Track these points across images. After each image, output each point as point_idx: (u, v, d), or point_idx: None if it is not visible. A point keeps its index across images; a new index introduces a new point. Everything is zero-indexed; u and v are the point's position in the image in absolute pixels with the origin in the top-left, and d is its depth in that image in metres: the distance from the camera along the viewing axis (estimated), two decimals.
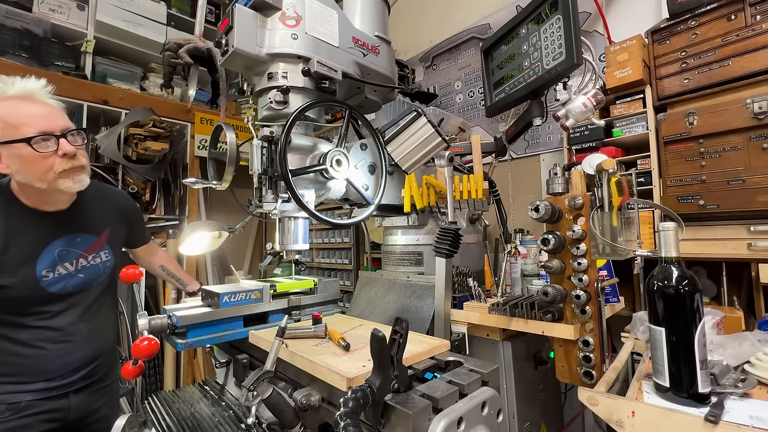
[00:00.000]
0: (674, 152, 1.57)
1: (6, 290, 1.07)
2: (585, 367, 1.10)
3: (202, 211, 3.18)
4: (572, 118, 1.33)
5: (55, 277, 1.14)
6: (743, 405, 0.75)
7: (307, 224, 1.19)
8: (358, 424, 0.62)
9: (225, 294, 1.21)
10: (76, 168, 1.10)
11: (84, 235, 1.22)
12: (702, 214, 1.50)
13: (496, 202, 1.68)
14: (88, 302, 1.23)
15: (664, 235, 0.83)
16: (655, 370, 0.81)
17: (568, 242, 1.13)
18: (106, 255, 1.28)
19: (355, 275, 2.86)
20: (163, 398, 1.29)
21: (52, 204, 1.16)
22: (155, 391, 2.35)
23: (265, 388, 0.82)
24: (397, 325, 0.75)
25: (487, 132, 2.67)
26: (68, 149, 1.07)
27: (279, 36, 1.13)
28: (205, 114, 3.12)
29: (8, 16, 2.47)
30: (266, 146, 1.08)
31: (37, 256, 1.12)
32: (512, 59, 1.52)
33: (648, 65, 1.69)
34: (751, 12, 1.46)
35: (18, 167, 1.04)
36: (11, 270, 1.08)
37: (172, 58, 1.32)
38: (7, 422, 1.07)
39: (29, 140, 1.01)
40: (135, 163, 2.67)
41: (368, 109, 1.55)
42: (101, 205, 1.30)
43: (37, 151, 1.02)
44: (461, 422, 0.72)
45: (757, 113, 1.37)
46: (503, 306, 1.25)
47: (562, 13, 1.24)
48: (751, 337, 0.97)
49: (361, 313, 1.62)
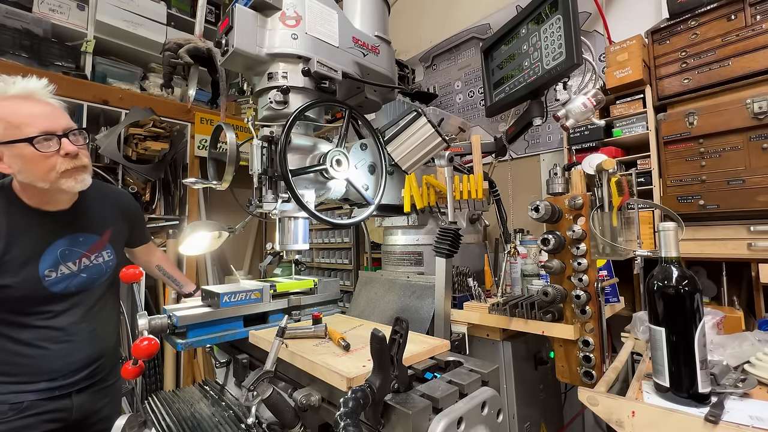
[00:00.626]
0: (674, 152, 1.57)
1: (8, 290, 1.07)
2: (585, 367, 1.10)
3: (202, 211, 3.18)
4: (572, 118, 1.33)
5: (58, 276, 1.15)
6: (743, 405, 0.75)
7: (307, 224, 1.19)
8: (358, 424, 0.62)
9: (225, 294, 1.21)
10: (78, 168, 1.10)
11: (86, 235, 1.23)
12: (702, 214, 1.50)
13: (496, 202, 1.68)
14: (91, 302, 1.24)
15: (664, 235, 0.83)
16: (655, 370, 0.81)
17: (568, 242, 1.13)
18: (108, 254, 1.28)
19: (355, 275, 2.86)
20: (163, 398, 1.29)
21: (54, 204, 1.16)
22: (155, 391, 2.35)
23: (265, 388, 0.82)
24: (397, 325, 0.75)
25: (487, 132, 2.67)
26: (70, 149, 1.07)
27: (279, 36, 1.13)
28: (205, 114, 3.12)
29: (8, 16, 2.47)
30: (266, 146, 1.08)
31: (40, 255, 1.12)
32: (512, 59, 1.52)
33: (648, 65, 1.69)
34: (751, 12, 1.46)
35: (20, 167, 1.04)
36: (14, 270, 1.08)
37: (172, 58, 1.32)
38: (10, 422, 1.07)
39: (31, 140, 1.01)
40: (135, 163, 2.67)
41: (368, 109, 1.55)
42: (103, 205, 1.31)
43: (40, 151, 1.02)
44: (461, 422, 0.72)
45: (757, 113, 1.37)
46: (503, 306, 1.25)
47: (562, 13, 1.24)
48: (751, 337, 0.97)
49: (361, 313, 1.62)
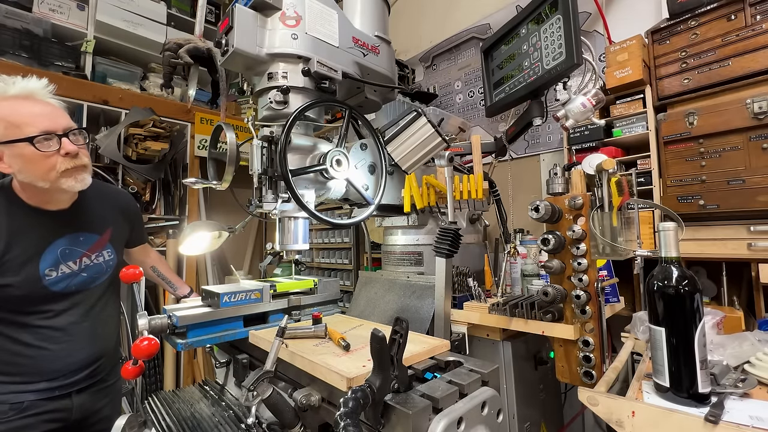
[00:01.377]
0: (674, 152, 1.57)
1: (9, 289, 1.07)
2: (585, 367, 1.10)
3: (202, 211, 3.18)
4: (572, 119, 1.33)
5: (58, 276, 1.15)
6: (743, 405, 0.75)
7: (307, 224, 1.19)
8: (358, 424, 0.62)
9: (225, 294, 1.21)
10: (79, 167, 1.11)
11: (87, 234, 1.23)
12: (702, 214, 1.50)
13: (496, 202, 1.68)
14: (91, 301, 1.24)
15: (664, 235, 0.83)
16: (655, 370, 0.81)
17: (568, 242, 1.13)
18: (109, 254, 1.28)
19: (355, 275, 2.86)
20: (163, 398, 1.29)
21: (54, 203, 1.16)
22: (155, 391, 2.35)
23: (265, 388, 0.82)
24: (397, 325, 0.75)
25: (487, 132, 2.67)
26: (70, 148, 1.08)
27: (279, 36, 1.13)
28: (205, 114, 3.12)
29: (8, 16, 2.47)
30: (266, 146, 1.08)
31: (40, 255, 1.12)
32: (512, 59, 1.52)
33: (648, 65, 1.69)
34: (751, 12, 1.46)
35: (20, 166, 1.04)
36: (14, 269, 1.08)
37: (172, 58, 1.32)
38: (10, 422, 1.07)
39: (32, 139, 1.02)
40: (135, 163, 2.67)
41: (368, 109, 1.55)
42: (103, 205, 1.31)
43: (40, 151, 1.03)
44: (461, 422, 0.72)
45: (757, 113, 1.37)
46: (503, 306, 1.25)
47: (562, 13, 1.24)
48: (751, 337, 0.97)
49: (361, 313, 1.62)
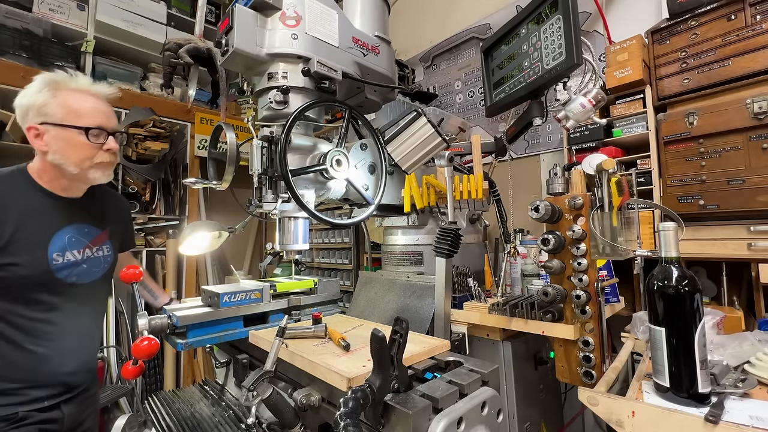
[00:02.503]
0: (674, 152, 1.57)
1: (16, 268, 1.08)
2: (585, 367, 1.10)
3: (202, 211, 3.18)
4: (572, 119, 1.33)
5: (64, 262, 1.16)
6: (743, 405, 0.75)
7: (307, 224, 1.19)
8: (358, 424, 0.62)
9: (225, 294, 1.21)
10: (111, 163, 1.21)
11: (91, 227, 1.25)
12: (702, 214, 1.50)
13: (496, 202, 1.68)
14: (84, 301, 1.23)
15: (664, 235, 0.83)
16: (655, 370, 0.81)
17: (568, 242, 1.13)
18: (107, 250, 1.30)
19: (355, 275, 2.86)
20: (163, 398, 1.29)
21: (70, 190, 1.21)
22: (155, 391, 2.35)
23: (265, 388, 0.82)
24: (397, 325, 0.75)
25: (487, 132, 2.67)
26: (113, 146, 1.19)
27: (279, 36, 1.13)
28: (205, 114, 3.12)
29: (8, 16, 2.47)
30: (266, 146, 1.08)
31: (50, 238, 1.14)
32: (512, 59, 1.52)
33: (648, 65, 1.69)
34: (751, 12, 1.46)
35: (59, 148, 1.11)
36: (25, 248, 1.10)
37: (172, 58, 1.32)
38: None
39: (88, 130, 1.13)
40: (135, 163, 2.67)
41: (368, 109, 1.55)
42: (107, 203, 1.34)
43: (89, 141, 1.13)
44: (461, 422, 0.72)
45: (757, 113, 1.37)
46: (503, 306, 1.25)
47: (562, 13, 1.24)
48: (751, 337, 0.97)
49: (361, 313, 1.62)
